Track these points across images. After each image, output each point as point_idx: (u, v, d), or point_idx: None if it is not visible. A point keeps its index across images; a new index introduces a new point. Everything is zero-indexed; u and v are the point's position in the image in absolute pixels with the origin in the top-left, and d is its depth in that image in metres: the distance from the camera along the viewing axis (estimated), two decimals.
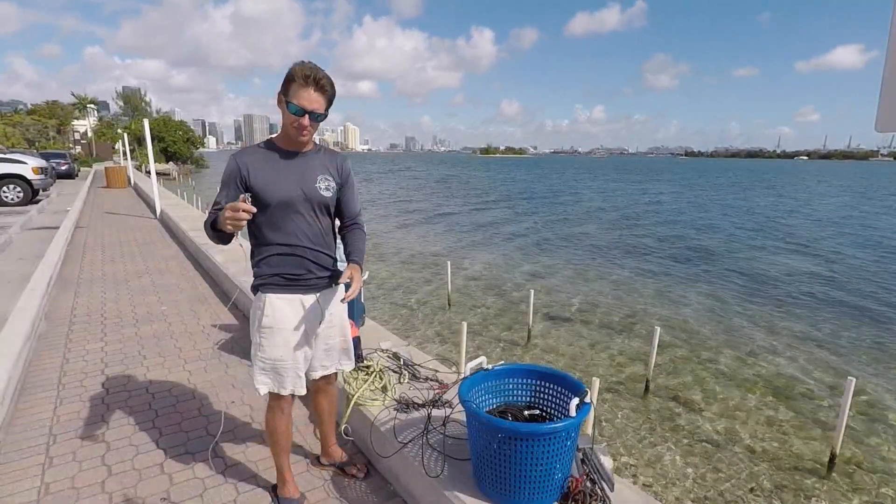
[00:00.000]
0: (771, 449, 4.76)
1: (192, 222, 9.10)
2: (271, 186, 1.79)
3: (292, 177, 1.83)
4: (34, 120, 48.93)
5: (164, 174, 38.00)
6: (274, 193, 1.79)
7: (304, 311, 1.92)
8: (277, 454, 2.07)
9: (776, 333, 7.90)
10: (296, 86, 1.71)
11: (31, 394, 3.11)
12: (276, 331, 1.88)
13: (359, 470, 2.31)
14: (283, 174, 1.82)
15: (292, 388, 1.94)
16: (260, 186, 1.78)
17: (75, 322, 4.46)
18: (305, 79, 1.70)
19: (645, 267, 12.52)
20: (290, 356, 1.90)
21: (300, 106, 1.71)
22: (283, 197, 1.80)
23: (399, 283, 9.78)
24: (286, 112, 1.75)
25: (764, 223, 21.90)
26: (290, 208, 1.82)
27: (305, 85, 1.71)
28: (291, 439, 2.09)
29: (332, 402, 2.27)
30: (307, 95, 1.71)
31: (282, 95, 1.76)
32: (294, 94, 1.71)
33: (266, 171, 1.80)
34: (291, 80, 1.72)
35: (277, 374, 1.92)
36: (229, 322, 4.52)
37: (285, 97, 1.74)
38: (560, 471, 1.71)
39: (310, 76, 1.70)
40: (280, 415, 1.99)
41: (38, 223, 9.87)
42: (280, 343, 1.88)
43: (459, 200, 29.93)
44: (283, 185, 1.80)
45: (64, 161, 23.95)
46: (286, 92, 1.74)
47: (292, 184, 1.82)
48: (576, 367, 6.51)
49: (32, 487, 2.23)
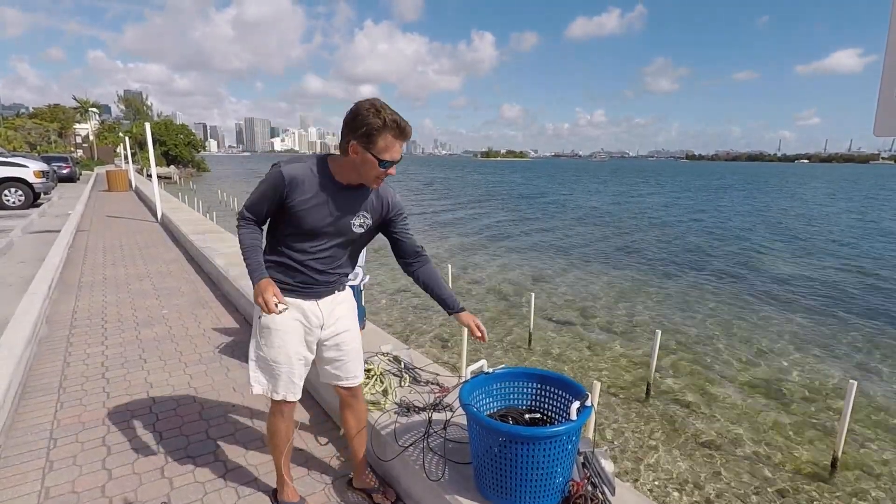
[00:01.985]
0: (773, 453, 4.74)
1: (194, 226, 9.12)
2: (310, 215, 1.73)
3: (334, 211, 1.76)
4: (36, 123, 49.09)
5: (166, 177, 38.10)
6: (306, 221, 1.73)
7: (303, 314, 1.87)
8: (277, 457, 2.04)
9: (778, 337, 7.89)
10: (387, 137, 1.61)
11: (31, 397, 3.11)
12: (274, 332, 1.84)
13: (385, 497, 2.17)
14: (325, 206, 1.74)
15: (284, 393, 1.90)
16: (296, 209, 1.71)
17: (76, 325, 4.46)
18: (400, 131, 1.62)
19: (645, 270, 12.52)
20: (284, 359, 1.87)
21: (393, 160, 1.64)
22: (313, 228, 1.75)
23: (400, 287, 9.78)
24: (374, 166, 1.64)
25: (764, 226, 21.88)
26: (317, 236, 1.79)
27: (398, 137, 1.63)
28: (292, 444, 2.07)
29: (360, 420, 2.12)
30: (398, 148, 1.64)
31: (360, 147, 1.62)
32: (386, 148, 1.62)
33: (310, 198, 1.71)
34: (378, 131, 1.59)
35: (271, 377, 1.89)
36: (230, 325, 4.52)
37: (370, 147, 1.61)
38: (561, 474, 1.71)
39: (404, 128, 1.62)
40: (280, 418, 1.96)
41: (40, 227, 9.90)
42: (276, 344, 1.85)
43: (459, 204, 29.96)
44: (319, 216, 1.74)
45: (66, 164, 24.05)
46: (370, 144, 1.61)
47: (329, 216, 1.76)
48: (577, 370, 6.50)
49: (33, 492, 2.23)
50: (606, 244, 16.34)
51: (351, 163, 1.69)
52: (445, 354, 6.76)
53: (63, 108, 57.09)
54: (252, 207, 1.78)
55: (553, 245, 16.05)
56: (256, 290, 1.70)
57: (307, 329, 1.89)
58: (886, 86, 0.81)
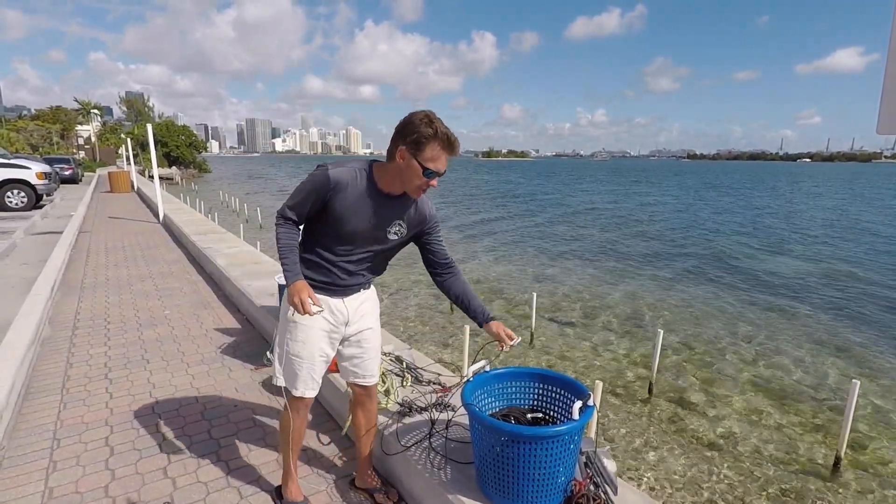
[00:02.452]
0: (775, 452, 4.73)
1: (195, 226, 9.13)
2: (349, 220, 1.74)
3: (372, 217, 1.77)
4: (38, 125, 49.23)
5: (167, 178, 38.17)
6: (345, 225, 1.75)
7: (329, 311, 1.89)
8: (286, 453, 2.05)
9: (780, 336, 7.88)
10: (435, 147, 1.63)
11: (34, 398, 3.12)
12: (300, 326, 1.86)
13: (388, 498, 2.17)
14: (366, 213, 1.76)
15: (303, 389, 1.92)
16: (337, 213, 1.73)
17: (79, 326, 4.47)
18: (449, 144, 1.65)
19: (648, 269, 12.50)
20: (307, 355, 1.89)
21: (437, 171, 1.67)
22: (352, 231, 1.77)
23: (401, 287, 9.78)
24: (419, 174, 1.66)
25: (768, 225, 21.84)
26: (353, 242, 1.81)
27: (446, 149, 1.65)
28: (302, 442, 2.07)
29: (371, 419, 2.14)
30: (444, 160, 1.67)
31: (408, 154, 1.65)
32: (433, 157, 1.64)
33: (352, 203, 1.73)
34: (428, 140, 1.62)
35: (291, 371, 1.91)
36: (232, 326, 4.53)
37: (417, 154, 1.64)
38: (563, 474, 1.71)
39: (453, 143, 1.65)
40: (295, 415, 1.97)
41: (42, 228, 9.92)
42: (300, 338, 1.87)
43: (460, 204, 29.95)
44: (359, 223, 1.76)
45: (68, 166, 24.11)
46: (418, 151, 1.63)
47: (367, 223, 1.78)
48: (579, 369, 6.50)
49: (36, 492, 2.23)
50: (607, 243, 16.33)
51: (396, 169, 1.71)
52: (447, 354, 6.76)
53: (65, 110, 57.22)
54: (295, 207, 1.77)
55: (554, 244, 16.04)
56: (292, 290, 1.73)
57: (333, 327, 1.91)
58: (890, 84, 0.81)
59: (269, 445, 2.63)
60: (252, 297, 4.51)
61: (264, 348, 3.85)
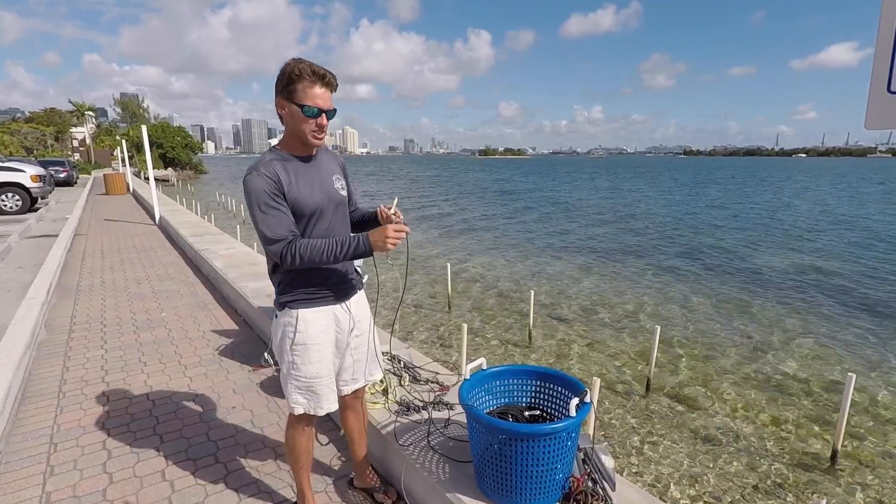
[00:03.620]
0: (773, 446, 4.76)
1: (192, 228, 9.10)
2: (304, 196, 1.71)
3: (316, 183, 1.76)
4: (32, 128, 48.98)
5: (163, 180, 38.06)
6: (308, 203, 1.72)
7: (335, 321, 1.86)
8: (298, 472, 2.00)
9: (777, 330, 7.91)
10: (305, 86, 1.61)
11: (31, 402, 3.11)
12: (311, 346, 1.79)
13: (387, 497, 2.18)
14: (308, 182, 1.74)
15: (328, 406, 1.85)
16: (294, 198, 1.69)
17: (75, 330, 4.46)
18: (315, 76, 1.62)
19: (644, 266, 12.53)
20: (325, 371, 1.83)
21: (317, 106, 1.63)
22: (316, 205, 1.74)
23: (397, 286, 9.76)
24: (300, 117, 1.64)
25: (763, 220, 21.91)
26: (322, 216, 1.77)
27: (316, 83, 1.62)
28: (313, 456, 2.03)
29: (361, 420, 2.14)
30: (322, 94, 1.64)
31: (284, 100, 1.65)
32: (305, 94, 1.62)
33: (295, 180, 1.70)
34: (296, 80, 1.61)
35: (314, 394, 1.82)
36: (230, 328, 4.52)
37: (292, 100, 1.63)
38: (561, 471, 1.71)
39: (319, 73, 1.62)
40: (301, 431, 1.92)
41: (37, 231, 9.88)
42: (315, 359, 1.80)
43: (458, 201, 29.95)
44: (313, 194, 1.74)
45: (63, 168, 23.99)
46: (291, 94, 1.63)
47: (318, 190, 1.76)
48: (576, 366, 6.51)
49: (34, 497, 2.23)
50: (603, 239, 16.35)
51: (288, 127, 1.71)
52: (444, 353, 6.76)
53: (59, 112, 56.89)
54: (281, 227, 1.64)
55: (551, 241, 16.06)
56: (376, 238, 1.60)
57: (339, 337, 1.90)
58: (877, 80, 0.81)
59: (267, 447, 2.63)
60: (249, 299, 4.51)
61: (262, 349, 3.85)
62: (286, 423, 1.97)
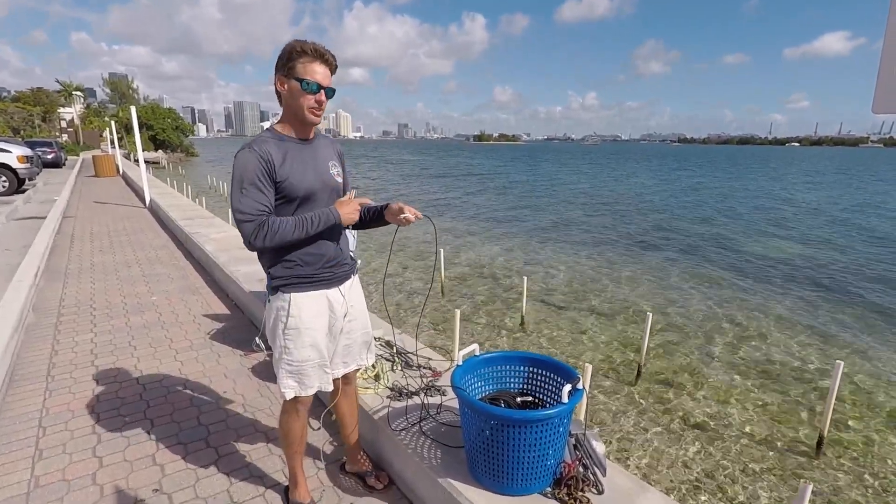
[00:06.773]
0: (761, 432, 4.83)
1: (182, 211, 9.00)
2: (296, 177, 1.69)
3: (310, 166, 1.74)
4: (19, 107, 47.99)
5: (154, 162, 37.54)
6: (300, 185, 1.69)
7: (328, 306, 1.84)
8: (290, 457, 1.99)
9: (766, 318, 7.99)
10: (305, 62, 1.63)
11: (19, 386, 3.08)
12: (304, 331, 1.78)
13: (378, 481, 2.18)
14: (302, 164, 1.72)
15: (318, 385, 1.85)
16: (286, 178, 1.66)
17: (64, 313, 4.41)
18: (316, 53, 1.63)
19: (637, 253, 12.58)
20: (316, 354, 1.82)
21: (317, 81, 1.64)
22: (308, 188, 1.71)
23: (391, 271, 9.76)
24: (299, 91, 1.64)
25: (753, 208, 22.03)
26: (315, 199, 1.75)
27: (316, 60, 1.64)
28: (306, 441, 2.02)
29: (353, 405, 2.15)
30: (322, 70, 1.65)
31: (284, 76, 1.66)
32: (305, 70, 1.63)
33: (288, 161, 1.68)
34: (296, 57, 1.63)
35: (303, 376, 1.82)
36: (220, 311, 4.49)
37: (292, 76, 1.64)
38: (552, 457, 1.71)
39: (319, 50, 1.64)
40: (295, 417, 1.90)
41: (25, 213, 9.73)
42: (308, 343, 1.79)
43: (452, 187, 29.84)
44: (306, 176, 1.72)
45: (51, 149, 23.56)
46: (291, 71, 1.64)
47: (312, 173, 1.74)
48: (568, 353, 6.55)
49: (22, 480, 2.21)
50: (596, 227, 16.38)
51: (287, 105, 1.71)
52: (437, 339, 6.77)
53: (46, 92, 55.72)
54: (256, 205, 1.61)
55: (544, 228, 16.06)
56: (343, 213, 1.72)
57: (332, 322, 1.87)
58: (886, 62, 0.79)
59: (258, 431, 2.62)
60: (241, 283, 4.47)
61: (253, 334, 3.82)
62: (280, 408, 1.96)
